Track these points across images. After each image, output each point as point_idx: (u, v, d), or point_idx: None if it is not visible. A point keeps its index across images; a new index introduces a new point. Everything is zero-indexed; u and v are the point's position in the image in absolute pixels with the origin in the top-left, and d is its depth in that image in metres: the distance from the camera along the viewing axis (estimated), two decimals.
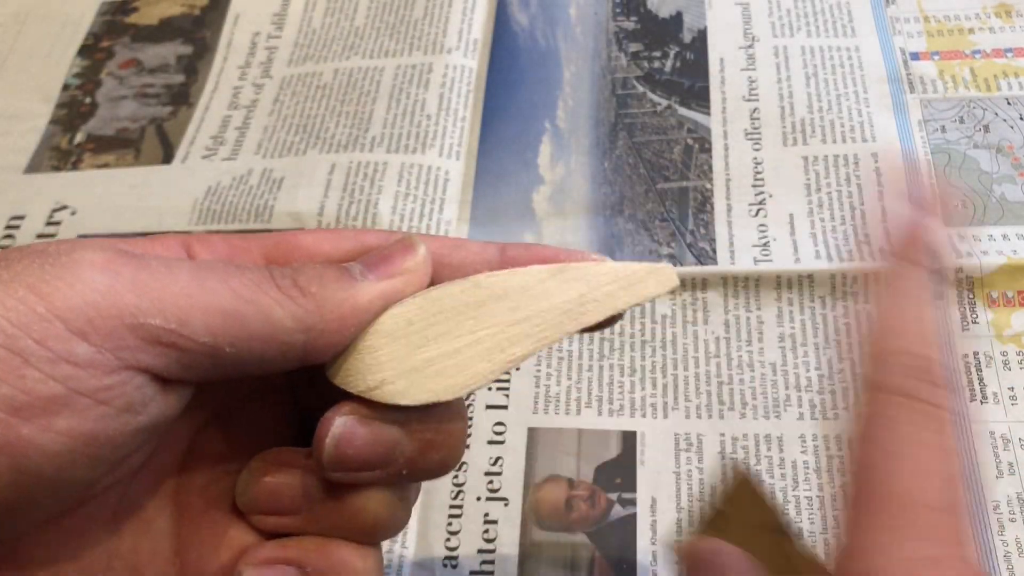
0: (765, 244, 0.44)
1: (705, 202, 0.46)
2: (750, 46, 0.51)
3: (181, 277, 0.20)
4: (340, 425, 0.21)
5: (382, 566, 0.24)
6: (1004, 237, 0.42)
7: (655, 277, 0.24)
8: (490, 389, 0.42)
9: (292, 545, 0.22)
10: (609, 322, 0.24)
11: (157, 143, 0.53)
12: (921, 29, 0.51)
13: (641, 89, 0.51)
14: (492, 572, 0.38)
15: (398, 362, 0.22)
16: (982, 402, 0.39)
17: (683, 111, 0.50)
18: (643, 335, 0.43)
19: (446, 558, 0.38)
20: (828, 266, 0.42)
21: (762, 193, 0.46)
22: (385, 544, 0.39)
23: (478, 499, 0.40)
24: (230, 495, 0.23)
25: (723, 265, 0.44)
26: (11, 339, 0.18)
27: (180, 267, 0.20)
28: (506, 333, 0.23)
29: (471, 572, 0.38)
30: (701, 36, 0.52)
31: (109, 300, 0.19)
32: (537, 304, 0.23)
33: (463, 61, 0.53)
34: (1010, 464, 0.37)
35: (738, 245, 0.44)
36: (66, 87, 0.57)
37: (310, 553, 0.22)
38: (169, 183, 0.51)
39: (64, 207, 0.51)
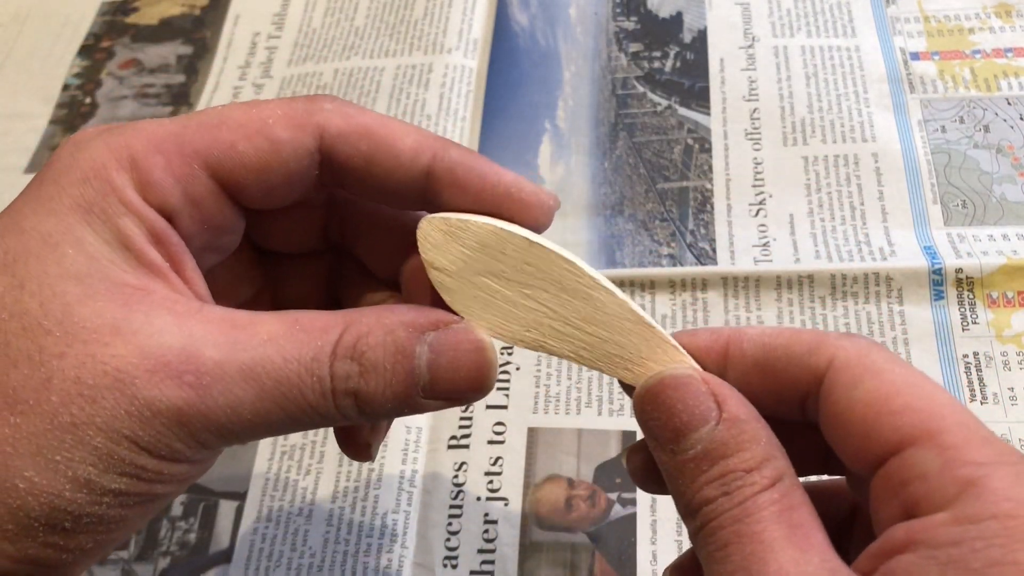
0: (765, 244, 0.44)
1: (705, 202, 0.46)
2: (750, 46, 0.51)
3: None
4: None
5: None
6: (1004, 237, 0.42)
7: None
8: None
9: None
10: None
11: None
12: (921, 29, 0.51)
13: (641, 89, 0.51)
14: (492, 572, 0.38)
15: (460, 264, 0.24)
16: (982, 402, 0.39)
17: (683, 111, 0.50)
18: None
19: (446, 558, 0.38)
20: (828, 266, 0.42)
21: (762, 193, 0.46)
22: (385, 543, 0.39)
23: (478, 499, 0.40)
24: None
25: (723, 265, 0.44)
26: None
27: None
28: (554, 324, 0.24)
29: (471, 572, 0.38)
30: (701, 36, 0.52)
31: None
32: (600, 328, 0.24)
33: (463, 61, 0.53)
34: None
35: (738, 245, 0.44)
36: (66, 87, 0.57)
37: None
38: None
39: None
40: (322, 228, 0.29)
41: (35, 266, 0.21)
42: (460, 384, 0.23)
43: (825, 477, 0.25)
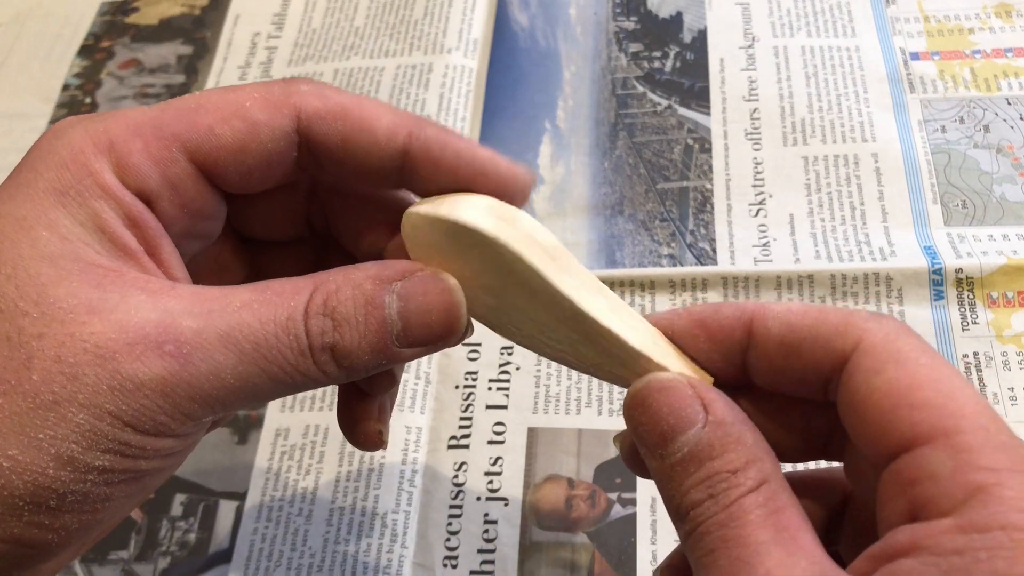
0: (765, 244, 0.44)
1: (705, 202, 0.46)
2: (750, 46, 0.51)
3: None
4: None
5: None
6: (1004, 237, 0.42)
7: None
8: (490, 389, 0.42)
9: None
10: None
11: None
12: (921, 29, 0.51)
13: (641, 89, 0.51)
14: (492, 572, 0.38)
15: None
16: None
17: (683, 111, 0.50)
18: None
19: (446, 558, 0.38)
20: (828, 266, 0.42)
21: (762, 193, 0.46)
22: (385, 543, 0.39)
23: (478, 499, 0.40)
24: None
25: (723, 265, 0.44)
26: None
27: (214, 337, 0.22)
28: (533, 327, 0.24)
29: (471, 572, 0.38)
30: (701, 36, 0.52)
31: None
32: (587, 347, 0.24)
33: (463, 61, 0.53)
34: None
35: (738, 245, 0.44)
36: (66, 87, 0.57)
37: None
38: None
39: None
40: (304, 214, 0.29)
41: (10, 249, 0.21)
42: (433, 327, 0.23)
43: (823, 464, 0.25)
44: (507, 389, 0.42)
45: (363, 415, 0.29)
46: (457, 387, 0.43)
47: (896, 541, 0.18)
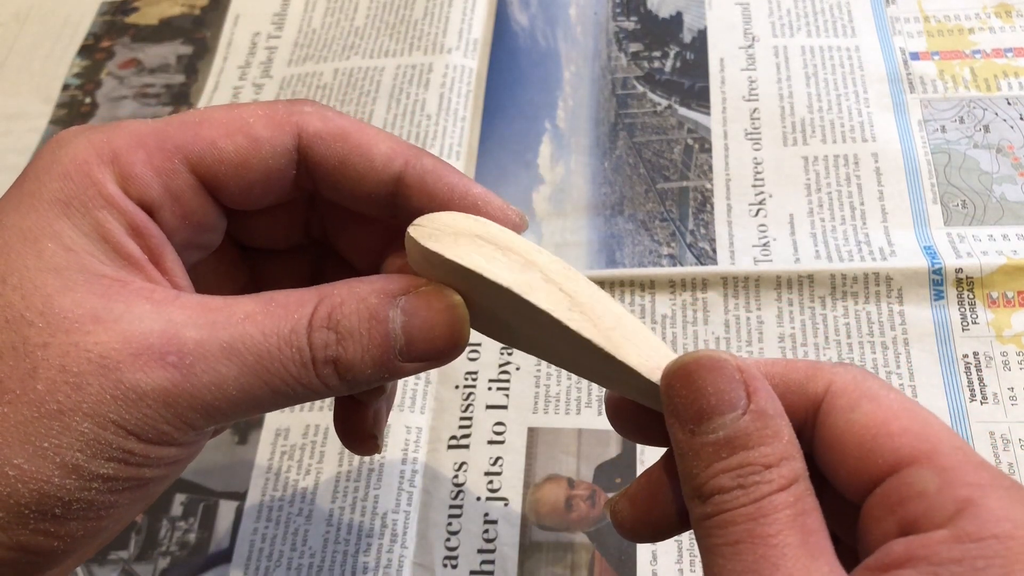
0: (765, 244, 0.44)
1: (705, 202, 0.46)
2: (750, 46, 0.51)
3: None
4: None
5: None
6: (1004, 237, 0.42)
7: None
8: (490, 389, 0.42)
9: None
10: None
11: None
12: (921, 29, 0.51)
13: (641, 89, 0.51)
14: (492, 572, 0.38)
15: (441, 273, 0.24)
16: (982, 402, 0.39)
17: (683, 111, 0.50)
18: None
19: (446, 558, 0.38)
20: (828, 266, 0.42)
21: (762, 193, 0.46)
22: (385, 543, 0.39)
23: (478, 499, 0.40)
24: None
25: (723, 265, 0.44)
26: None
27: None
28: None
29: (471, 572, 0.38)
30: (701, 36, 0.52)
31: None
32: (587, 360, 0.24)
33: (463, 61, 0.53)
34: (1010, 464, 0.37)
35: (738, 245, 0.44)
36: (66, 87, 0.57)
37: None
38: None
39: None
40: (304, 224, 0.29)
41: (16, 260, 0.21)
42: (436, 343, 0.24)
43: None
44: (507, 389, 0.42)
45: (358, 421, 0.29)
46: (457, 387, 0.43)
47: (892, 552, 0.19)
